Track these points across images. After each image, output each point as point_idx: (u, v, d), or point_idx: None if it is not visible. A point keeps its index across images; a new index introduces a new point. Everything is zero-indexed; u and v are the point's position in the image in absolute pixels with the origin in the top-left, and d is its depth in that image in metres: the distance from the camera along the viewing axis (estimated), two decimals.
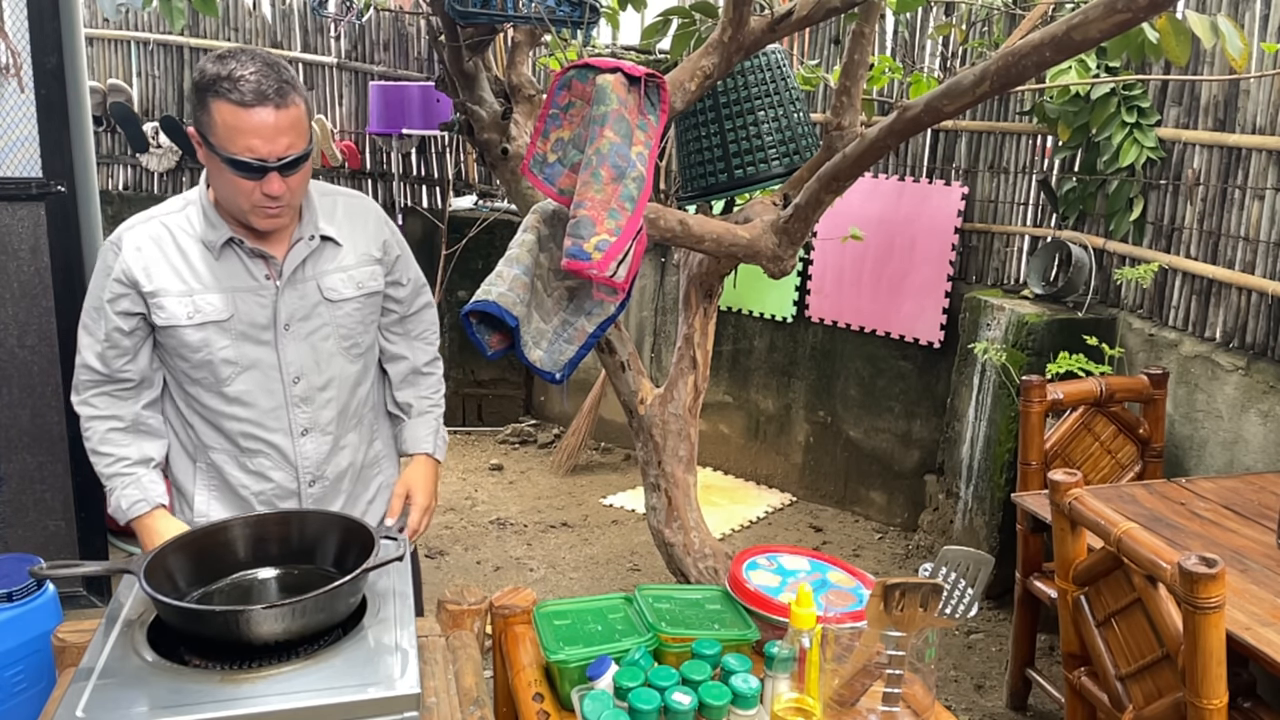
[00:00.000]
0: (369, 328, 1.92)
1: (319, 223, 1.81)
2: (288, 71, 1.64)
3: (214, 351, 1.75)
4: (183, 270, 1.73)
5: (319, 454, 1.86)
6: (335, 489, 1.92)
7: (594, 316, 2.24)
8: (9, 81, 2.87)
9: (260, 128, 1.58)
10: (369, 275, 1.87)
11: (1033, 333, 3.46)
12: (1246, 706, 2.22)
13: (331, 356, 1.84)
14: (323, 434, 1.86)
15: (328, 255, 1.82)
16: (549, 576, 3.77)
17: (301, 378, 1.81)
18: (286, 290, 1.78)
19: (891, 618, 1.31)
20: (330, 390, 1.85)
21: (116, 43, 5.23)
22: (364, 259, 1.87)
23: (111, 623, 1.30)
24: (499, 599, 1.64)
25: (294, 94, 1.62)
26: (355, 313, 1.86)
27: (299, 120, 1.63)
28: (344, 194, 1.93)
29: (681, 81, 2.29)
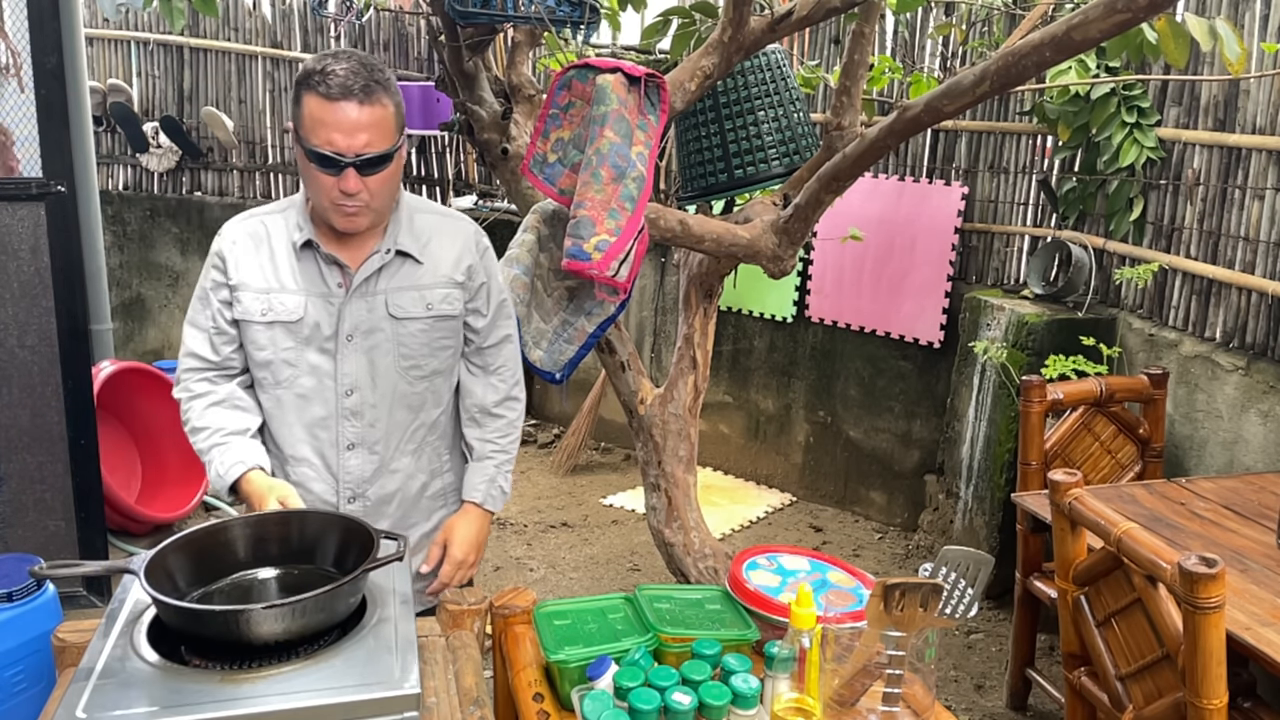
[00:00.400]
0: (438, 352, 1.83)
1: (400, 236, 1.77)
2: (382, 74, 1.63)
3: (277, 352, 1.75)
4: (267, 268, 1.74)
5: (362, 472, 1.82)
6: (379, 511, 1.85)
7: (594, 316, 2.25)
8: (9, 81, 2.87)
9: (341, 122, 1.58)
10: (443, 298, 1.80)
11: (1033, 333, 3.46)
12: (1246, 706, 2.22)
13: (389, 374, 1.79)
14: (370, 452, 1.81)
15: (404, 271, 1.78)
16: (549, 576, 3.77)
17: (355, 391, 1.78)
18: (354, 300, 1.75)
19: (891, 618, 1.31)
20: (382, 408, 1.80)
21: (116, 43, 5.23)
22: (443, 280, 1.80)
23: (111, 623, 1.30)
24: (499, 599, 1.64)
25: (381, 93, 1.61)
26: (421, 334, 1.79)
27: (383, 120, 1.61)
28: (439, 212, 1.87)
29: (681, 81, 2.29)
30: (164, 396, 4.04)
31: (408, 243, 1.77)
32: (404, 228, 1.78)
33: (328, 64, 1.60)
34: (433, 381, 1.84)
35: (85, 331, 3.12)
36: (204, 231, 5.37)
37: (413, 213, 1.81)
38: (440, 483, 1.93)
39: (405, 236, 1.78)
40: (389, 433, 1.82)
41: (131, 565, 1.31)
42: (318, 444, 1.80)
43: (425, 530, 1.93)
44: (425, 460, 1.89)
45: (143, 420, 4.03)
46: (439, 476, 1.93)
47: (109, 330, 4.12)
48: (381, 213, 1.72)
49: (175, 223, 5.39)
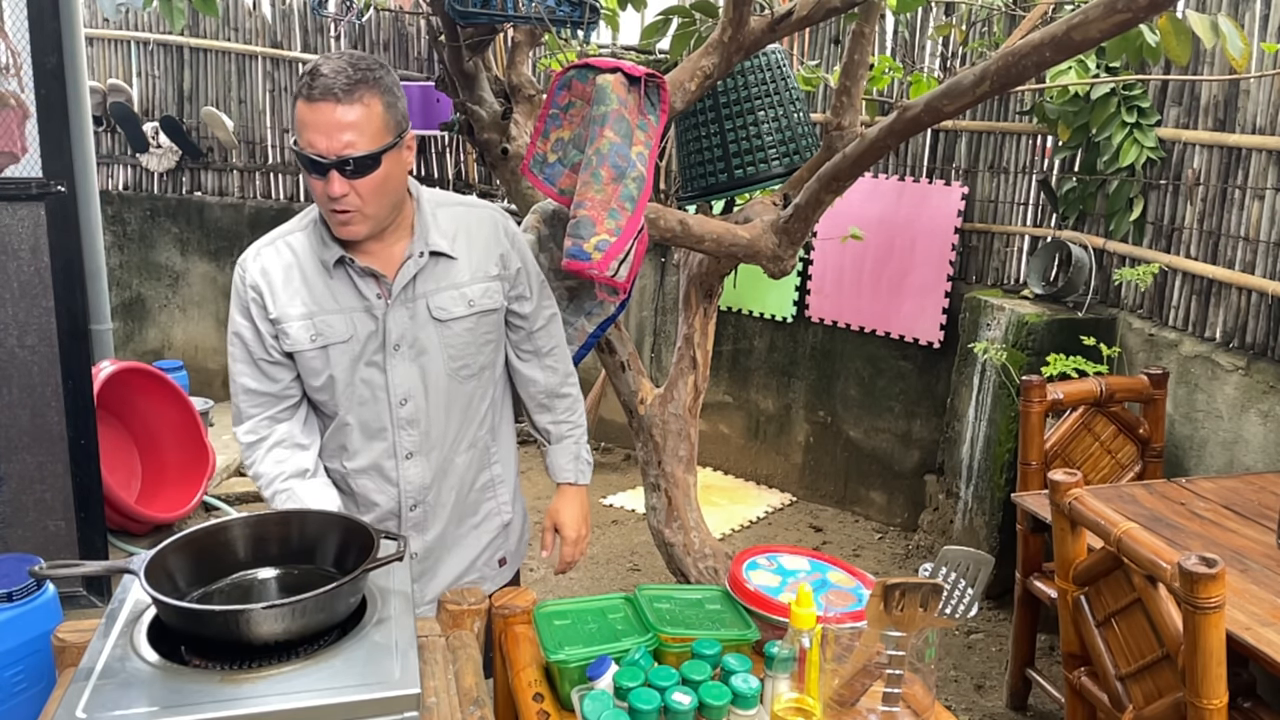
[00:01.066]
0: (483, 348, 1.81)
1: (430, 237, 1.72)
2: (371, 72, 1.57)
3: (335, 372, 1.72)
4: (303, 293, 1.70)
5: (422, 479, 1.81)
6: (436, 514, 1.86)
7: (594, 316, 2.25)
8: (9, 81, 2.87)
9: (320, 123, 1.54)
10: (483, 292, 1.77)
11: (1033, 333, 3.46)
12: (1246, 706, 2.22)
13: (440, 378, 1.77)
14: (427, 458, 1.81)
15: (440, 271, 1.74)
16: (549, 576, 3.77)
17: (409, 400, 1.76)
18: (395, 309, 1.71)
19: (891, 618, 1.31)
20: (437, 414, 1.79)
21: (116, 43, 5.23)
22: (479, 275, 1.77)
23: (111, 623, 1.30)
24: (499, 599, 1.64)
25: (365, 91, 1.55)
26: (466, 333, 1.77)
27: (367, 120, 1.55)
28: (462, 203, 1.83)
29: (681, 81, 2.29)
30: (164, 396, 4.05)
31: (439, 241, 1.73)
32: (431, 226, 1.74)
33: (317, 65, 1.57)
34: (481, 378, 1.84)
35: (85, 331, 3.12)
36: (204, 231, 5.37)
37: (435, 208, 1.77)
38: (488, 474, 1.94)
39: (435, 235, 1.73)
40: (444, 437, 1.81)
41: (131, 565, 1.31)
42: (376, 456, 1.79)
43: (474, 522, 1.93)
44: (479, 456, 1.90)
45: (143, 420, 4.03)
46: (487, 469, 1.94)
47: (109, 330, 4.12)
48: (379, 219, 1.66)
49: (175, 223, 5.39)
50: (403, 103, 1.64)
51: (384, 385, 1.74)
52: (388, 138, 1.59)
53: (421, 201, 1.76)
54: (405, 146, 1.65)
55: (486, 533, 1.95)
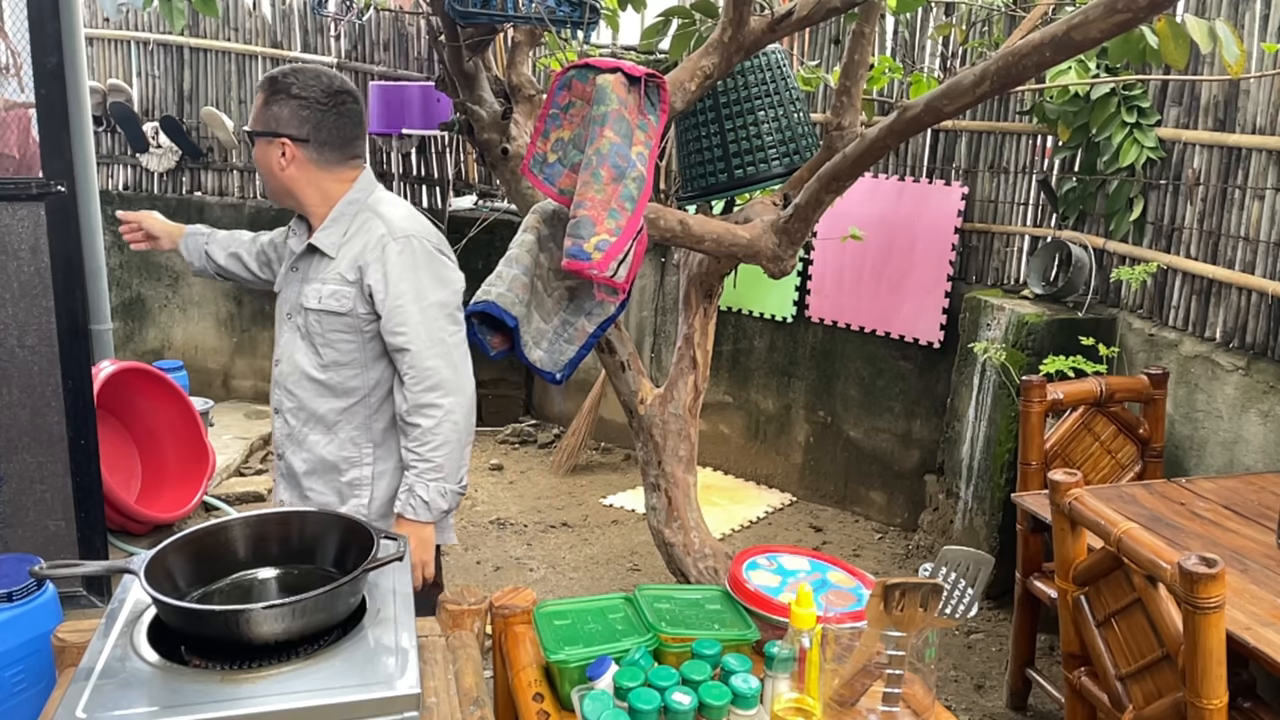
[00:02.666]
0: (336, 344, 1.95)
1: (321, 233, 1.96)
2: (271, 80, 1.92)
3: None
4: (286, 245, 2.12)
5: (281, 433, 2.06)
6: (293, 477, 2.04)
7: (594, 316, 2.25)
8: (9, 81, 2.87)
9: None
10: (333, 294, 1.92)
11: (1033, 333, 3.46)
12: (1246, 706, 2.22)
13: (300, 355, 1.98)
14: (285, 420, 2.04)
15: (318, 265, 1.96)
16: (549, 576, 3.77)
17: (280, 361, 2.03)
18: (289, 284, 2.02)
19: (891, 618, 1.31)
20: (292, 384, 2.00)
21: (116, 43, 5.23)
22: (337, 278, 1.93)
23: (111, 623, 1.30)
24: (499, 599, 1.64)
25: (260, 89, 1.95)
26: (317, 324, 1.95)
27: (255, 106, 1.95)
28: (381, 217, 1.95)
29: (681, 81, 2.29)
30: (164, 396, 4.05)
31: (323, 239, 1.96)
32: (334, 226, 1.96)
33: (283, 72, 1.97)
34: (338, 371, 1.97)
35: (85, 331, 3.12)
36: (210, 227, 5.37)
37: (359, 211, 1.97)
38: (357, 472, 2.01)
39: (326, 234, 1.96)
40: (299, 408, 2.00)
41: (131, 565, 1.31)
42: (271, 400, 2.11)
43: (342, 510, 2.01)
44: (338, 446, 2.00)
45: (143, 420, 4.03)
46: (356, 466, 2.01)
47: (109, 330, 4.12)
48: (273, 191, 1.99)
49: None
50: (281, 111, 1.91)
51: (277, 341, 2.06)
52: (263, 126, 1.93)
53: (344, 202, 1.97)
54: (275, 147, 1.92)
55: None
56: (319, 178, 1.95)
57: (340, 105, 1.93)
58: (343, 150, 1.96)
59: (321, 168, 1.94)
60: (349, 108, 1.95)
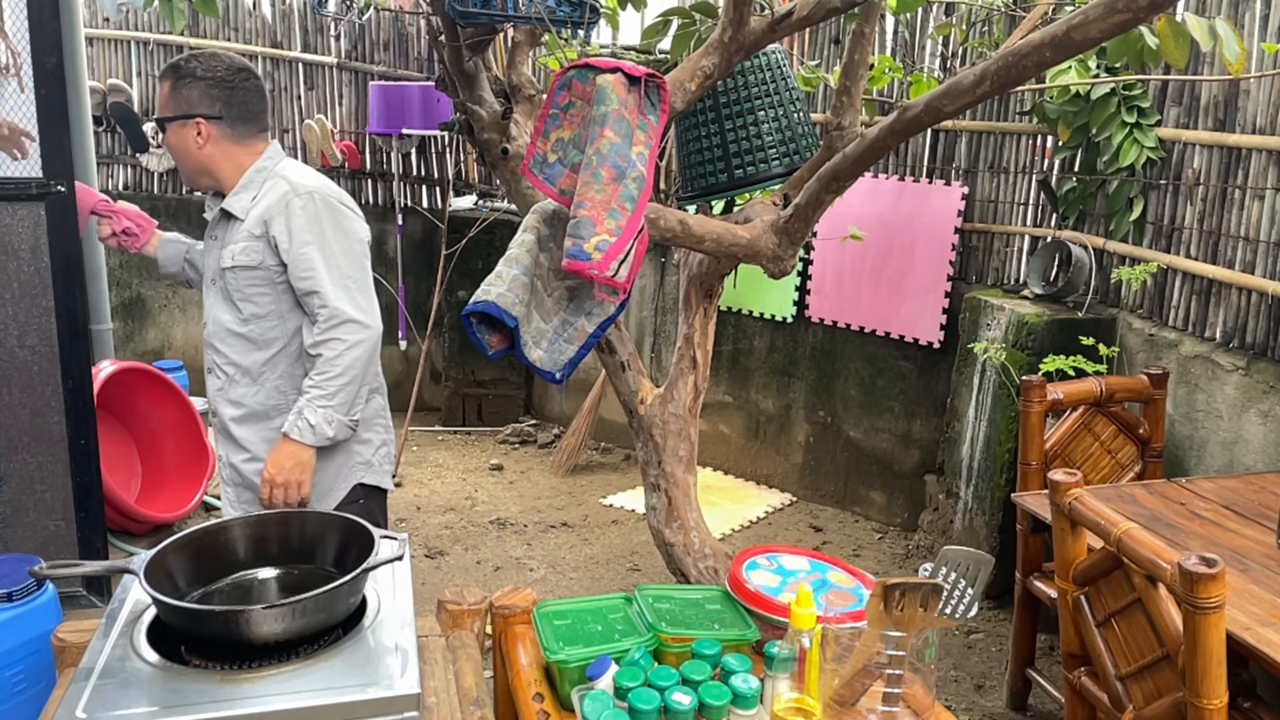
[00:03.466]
0: (254, 298, 2.10)
1: (232, 199, 2.14)
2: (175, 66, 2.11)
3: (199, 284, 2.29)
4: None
5: (213, 390, 2.21)
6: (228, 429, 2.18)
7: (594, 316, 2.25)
8: (9, 81, 2.87)
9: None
10: (243, 250, 2.09)
11: (1033, 333, 3.46)
12: (1246, 706, 2.22)
13: (223, 313, 2.14)
14: (214, 377, 2.20)
15: (232, 228, 2.14)
16: (549, 576, 3.77)
17: (207, 324, 2.18)
18: (211, 250, 2.19)
19: (891, 618, 1.31)
20: (218, 341, 2.15)
21: (116, 43, 5.23)
22: (246, 235, 2.10)
23: (111, 623, 1.30)
24: (499, 599, 1.64)
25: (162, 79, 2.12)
26: (234, 281, 2.10)
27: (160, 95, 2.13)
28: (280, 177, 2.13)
29: (681, 81, 2.29)
30: (164, 396, 4.05)
31: (233, 204, 2.13)
32: (244, 192, 2.13)
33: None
34: (258, 324, 2.12)
35: (85, 331, 3.12)
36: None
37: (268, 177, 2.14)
38: (283, 418, 2.12)
39: (236, 199, 2.13)
40: (227, 364, 2.15)
41: (131, 565, 1.31)
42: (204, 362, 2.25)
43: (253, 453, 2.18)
44: (265, 395, 2.15)
45: (143, 420, 4.03)
46: (283, 413, 2.14)
47: (109, 330, 4.12)
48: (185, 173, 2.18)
49: (175, 223, 5.39)
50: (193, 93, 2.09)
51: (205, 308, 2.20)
52: (167, 112, 2.11)
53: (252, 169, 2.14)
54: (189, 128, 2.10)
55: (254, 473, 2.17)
56: (233, 152, 2.14)
57: (245, 81, 2.14)
58: (252, 123, 2.16)
59: (235, 141, 2.14)
60: (252, 83, 2.16)
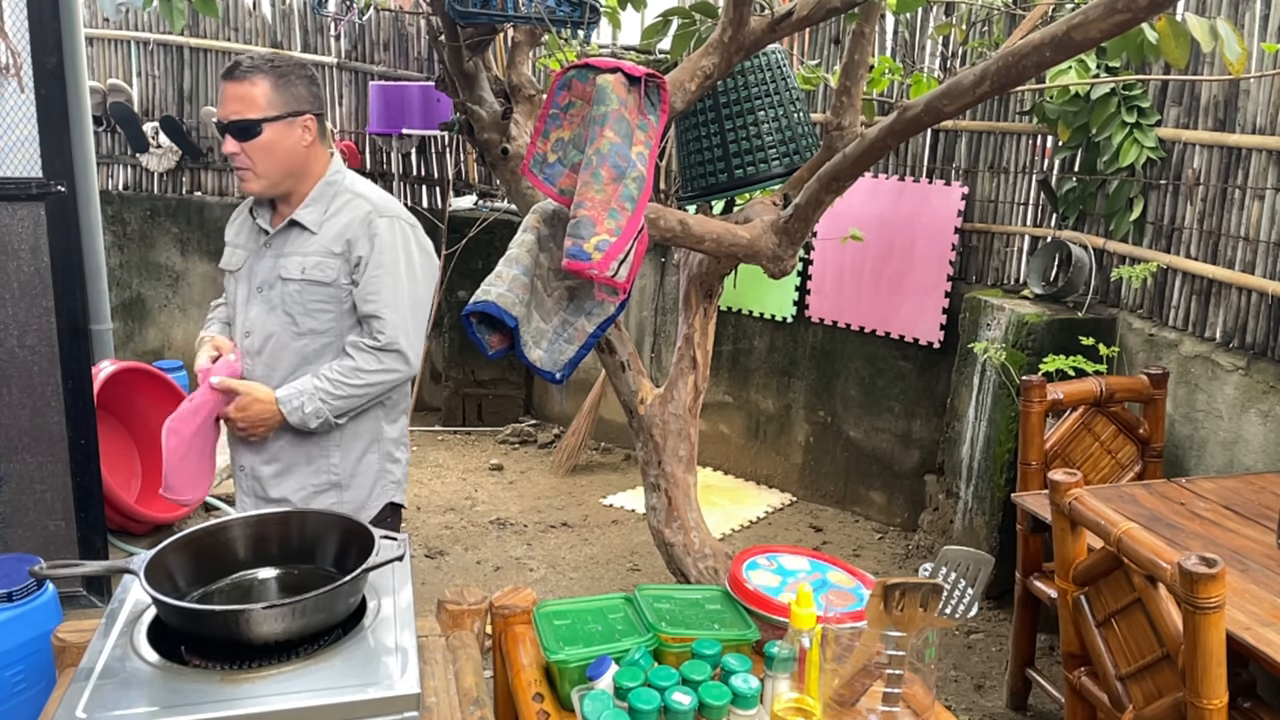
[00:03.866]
0: (314, 314, 2.06)
1: (303, 211, 2.07)
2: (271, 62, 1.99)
3: (231, 295, 2.18)
4: (237, 226, 2.20)
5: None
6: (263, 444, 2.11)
7: (594, 316, 2.25)
8: (9, 81, 2.87)
9: (222, 96, 2.00)
10: (317, 265, 2.04)
11: (1033, 333, 3.46)
12: (1246, 706, 2.22)
13: (276, 325, 2.07)
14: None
15: (298, 240, 2.07)
16: (549, 576, 3.77)
17: (250, 334, 2.11)
18: (263, 259, 2.10)
19: (891, 618, 1.31)
20: (265, 355, 2.09)
21: (116, 43, 5.23)
22: (323, 251, 2.04)
23: (111, 623, 1.30)
24: (499, 599, 1.64)
25: (257, 74, 1.97)
26: (297, 294, 2.05)
27: (253, 95, 1.97)
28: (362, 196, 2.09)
29: (681, 81, 2.29)
30: (164, 396, 4.04)
31: (305, 216, 2.06)
32: (315, 204, 2.07)
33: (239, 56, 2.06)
34: (314, 339, 2.07)
35: (85, 331, 3.12)
36: (204, 231, 5.37)
37: (338, 191, 2.09)
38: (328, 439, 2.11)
39: (308, 211, 2.07)
40: (269, 375, 2.09)
41: (131, 565, 1.31)
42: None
43: (306, 473, 2.12)
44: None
45: (143, 420, 4.03)
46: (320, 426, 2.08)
47: (109, 330, 4.12)
48: (272, 180, 2.03)
49: (175, 223, 5.39)
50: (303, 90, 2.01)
51: (243, 315, 2.12)
52: (271, 111, 1.98)
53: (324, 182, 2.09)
54: (300, 126, 2.01)
55: (311, 485, 2.13)
56: (320, 155, 2.09)
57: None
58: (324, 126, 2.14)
59: (322, 143, 2.10)
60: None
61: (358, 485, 2.15)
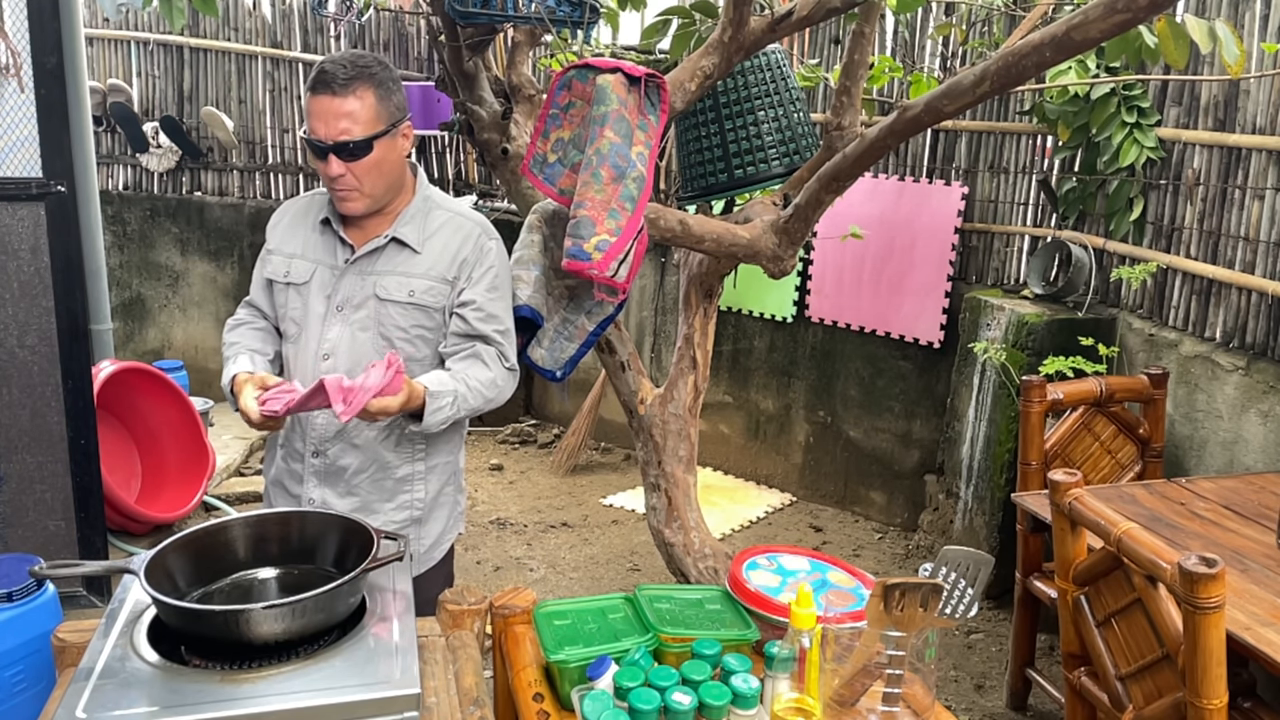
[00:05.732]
0: (415, 340, 1.89)
1: (403, 227, 1.89)
2: (368, 68, 1.77)
3: (288, 310, 1.94)
4: (299, 236, 1.96)
5: (325, 431, 1.91)
6: (338, 475, 1.92)
7: (594, 315, 2.25)
8: (9, 81, 2.87)
9: (319, 111, 1.76)
10: (427, 289, 1.88)
11: (1033, 333, 3.46)
12: (1246, 706, 2.22)
13: (365, 347, 1.88)
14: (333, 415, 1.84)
15: (400, 258, 1.89)
16: (549, 576, 3.77)
17: (331, 356, 1.88)
18: (350, 275, 1.89)
19: (891, 618, 1.31)
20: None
21: (116, 43, 5.23)
22: (432, 274, 1.88)
23: (111, 623, 1.30)
24: (499, 599, 1.64)
25: (360, 85, 1.75)
26: (400, 316, 1.88)
27: (359, 110, 1.75)
28: (456, 210, 1.96)
29: (681, 81, 2.29)
30: (164, 396, 4.05)
31: (408, 233, 1.89)
32: (412, 220, 1.91)
33: (323, 62, 1.78)
34: (408, 367, 1.86)
35: (85, 331, 3.12)
36: (204, 231, 5.37)
37: (431, 207, 1.94)
38: (409, 469, 1.96)
39: (408, 228, 1.90)
40: None
41: (131, 565, 1.31)
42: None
43: (384, 504, 1.95)
44: (394, 440, 1.93)
45: (143, 420, 4.03)
46: (410, 462, 1.96)
47: (109, 330, 4.12)
48: (376, 197, 1.85)
49: (175, 223, 5.39)
50: (399, 95, 1.83)
51: (318, 335, 1.91)
52: (382, 125, 1.78)
53: (420, 197, 1.94)
54: (401, 135, 1.83)
55: (392, 522, 1.97)
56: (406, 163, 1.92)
57: None
58: None
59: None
60: None
61: (435, 519, 2.03)
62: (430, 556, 2.06)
